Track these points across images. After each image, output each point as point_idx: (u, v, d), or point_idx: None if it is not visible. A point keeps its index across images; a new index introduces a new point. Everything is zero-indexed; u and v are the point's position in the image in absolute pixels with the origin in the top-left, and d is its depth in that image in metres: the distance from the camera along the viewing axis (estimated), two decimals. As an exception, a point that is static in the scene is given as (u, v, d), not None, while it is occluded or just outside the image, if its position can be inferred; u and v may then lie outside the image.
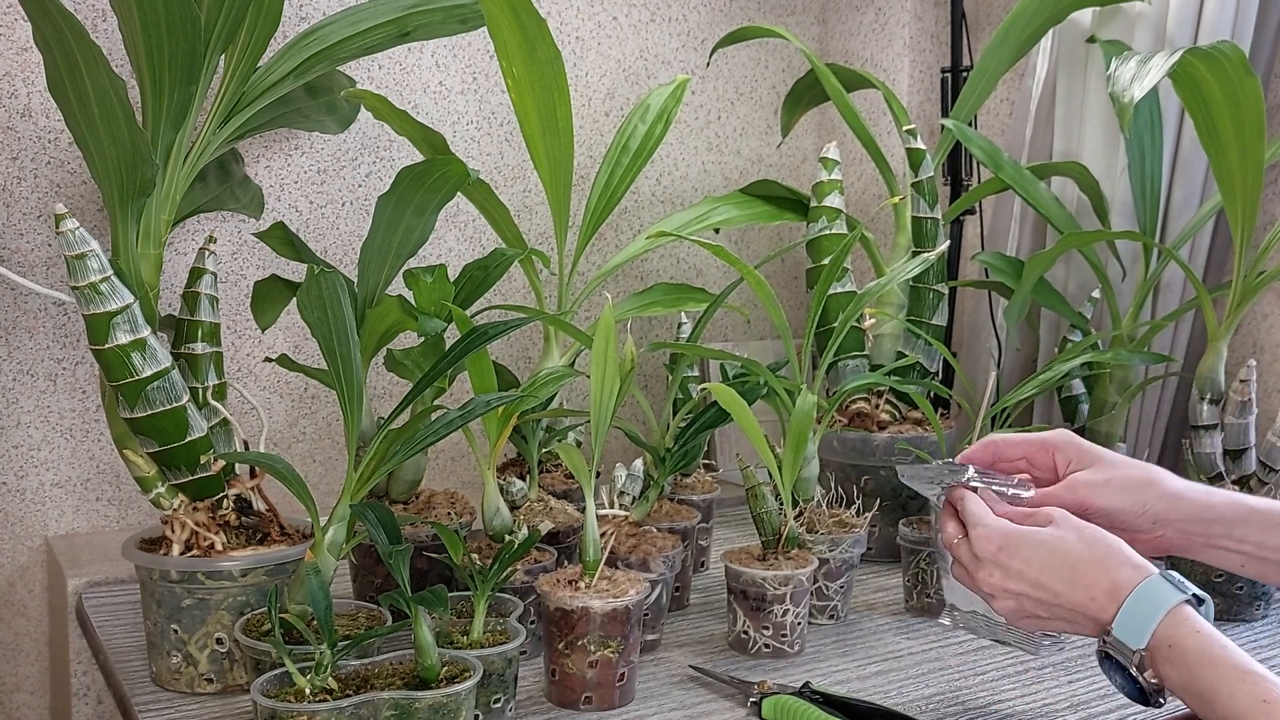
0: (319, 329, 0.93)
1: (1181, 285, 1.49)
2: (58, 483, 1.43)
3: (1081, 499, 0.91)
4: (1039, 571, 0.84)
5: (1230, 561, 0.93)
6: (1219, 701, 0.74)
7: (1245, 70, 1.17)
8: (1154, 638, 0.78)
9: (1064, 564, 0.84)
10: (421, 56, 1.60)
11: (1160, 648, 0.78)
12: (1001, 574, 0.86)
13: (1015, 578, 0.86)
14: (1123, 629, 0.80)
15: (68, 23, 0.92)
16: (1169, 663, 0.77)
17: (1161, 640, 0.78)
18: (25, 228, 1.39)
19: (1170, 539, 0.93)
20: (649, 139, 1.42)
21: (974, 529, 0.88)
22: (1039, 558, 0.85)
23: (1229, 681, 0.75)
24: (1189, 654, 0.77)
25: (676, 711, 1.02)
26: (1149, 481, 0.92)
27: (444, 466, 1.68)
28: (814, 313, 1.29)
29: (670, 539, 1.18)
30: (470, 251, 1.65)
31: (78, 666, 1.29)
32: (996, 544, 0.87)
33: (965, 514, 0.90)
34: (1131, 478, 0.92)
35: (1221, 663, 0.75)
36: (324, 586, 0.92)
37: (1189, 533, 0.92)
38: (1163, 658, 0.78)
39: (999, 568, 0.87)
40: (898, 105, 1.53)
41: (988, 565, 0.87)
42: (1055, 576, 0.84)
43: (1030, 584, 0.85)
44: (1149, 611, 0.79)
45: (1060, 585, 0.84)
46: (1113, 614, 0.81)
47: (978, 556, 0.88)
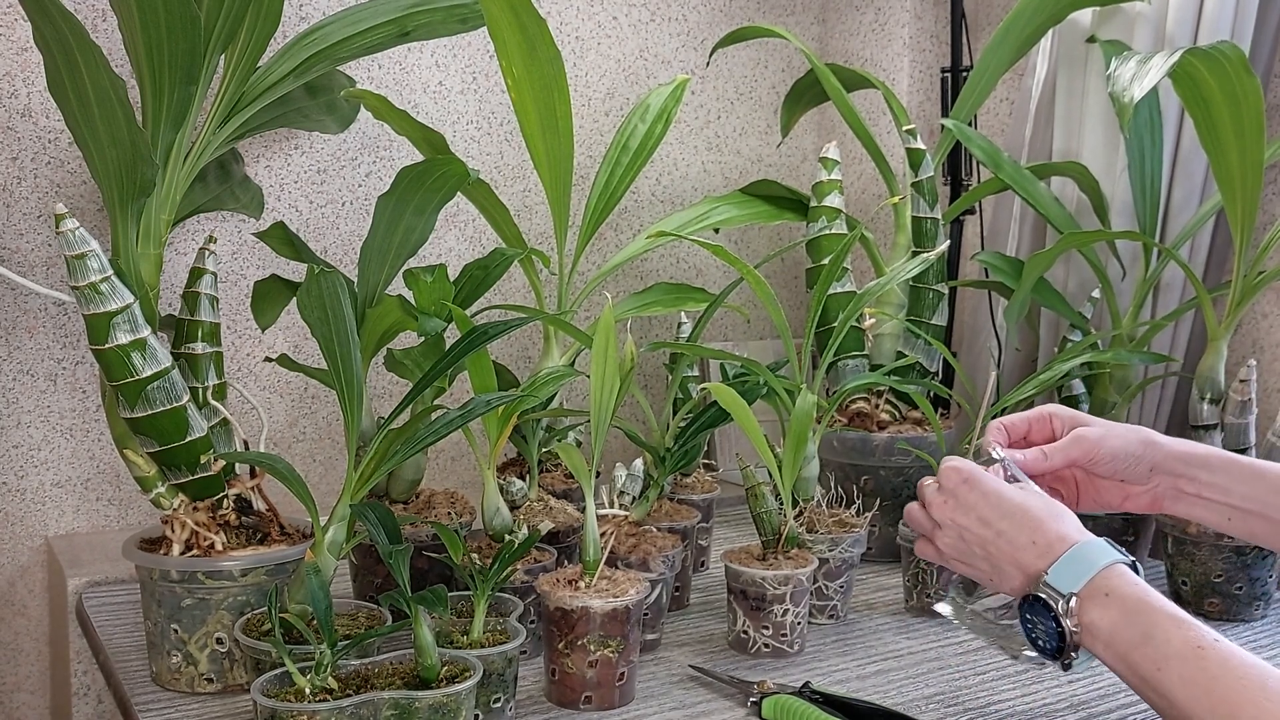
0: (319, 329, 0.93)
1: (1181, 285, 1.49)
2: (58, 483, 1.43)
3: (1086, 449, 0.96)
4: (992, 508, 0.87)
5: (1218, 515, 0.96)
6: (1152, 645, 0.76)
7: (1245, 70, 1.17)
8: (1089, 585, 0.80)
9: (1018, 509, 0.86)
10: (421, 56, 1.60)
11: (1095, 595, 0.80)
12: (954, 504, 0.90)
13: (966, 510, 0.89)
14: (1058, 574, 0.82)
15: (68, 23, 0.92)
16: (1103, 608, 0.79)
17: (1097, 588, 0.80)
18: (25, 228, 1.39)
19: (1164, 492, 0.97)
20: (649, 139, 1.42)
21: (945, 463, 0.92)
22: (996, 497, 0.88)
23: (1164, 627, 0.76)
24: (1127, 600, 0.78)
25: (676, 711, 1.02)
26: (1140, 430, 0.97)
27: (444, 466, 1.68)
28: (814, 312, 1.29)
29: (670, 539, 1.18)
30: (470, 251, 1.65)
31: (78, 666, 1.29)
32: (963, 476, 0.90)
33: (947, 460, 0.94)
34: (1127, 428, 0.97)
35: (1158, 610, 0.77)
36: (324, 586, 0.92)
37: (1179, 481, 0.96)
38: (1097, 604, 0.79)
39: (955, 499, 0.90)
40: (898, 105, 1.53)
41: (946, 493, 0.91)
42: (1005, 516, 0.86)
43: (978, 519, 0.88)
44: (1088, 561, 0.81)
45: (1007, 525, 0.86)
46: (1051, 560, 0.83)
47: (941, 486, 0.92)
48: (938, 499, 0.92)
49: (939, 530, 0.92)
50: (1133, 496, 0.97)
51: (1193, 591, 1.29)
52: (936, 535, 0.92)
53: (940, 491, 0.92)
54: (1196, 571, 1.28)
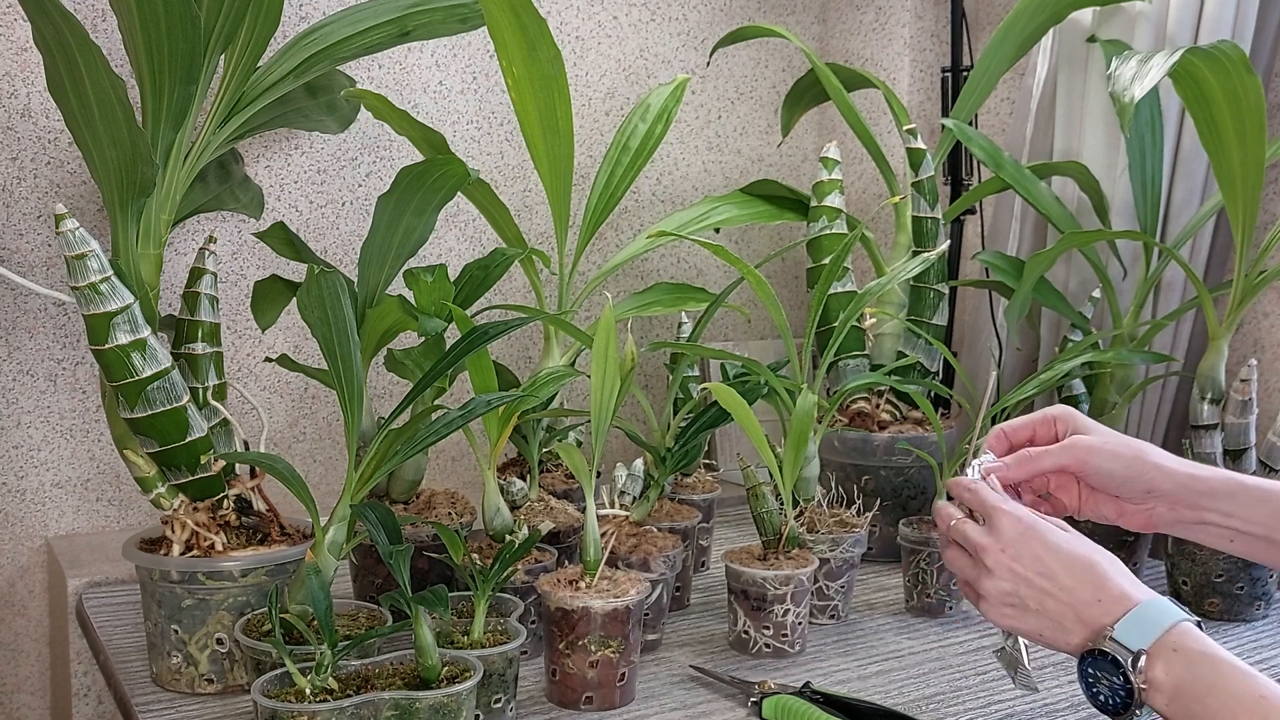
0: (319, 329, 0.93)
1: (1182, 284, 1.49)
2: (58, 483, 1.43)
3: (1079, 458, 0.92)
4: (1055, 561, 0.84)
5: (1219, 538, 0.94)
6: (1216, 696, 0.75)
7: (1246, 69, 1.17)
8: (1157, 642, 0.79)
9: (1084, 562, 0.84)
10: (421, 56, 1.60)
11: (1162, 651, 0.78)
12: (1014, 554, 0.85)
13: (1028, 561, 0.85)
14: (1126, 631, 0.80)
15: (68, 23, 0.92)
16: (1169, 663, 0.78)
17: (1164, 645, 0.78)
18: (25, 228, 1.39)
19: (1160, 513, 0.94)
20: (649, 138, 1.42)
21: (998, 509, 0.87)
22: (1059, 549, 0.84)
23: (1228, 678, 0.75)
24: (1192, 654, 0.77)
25: (677, 711, 1.02)
26: (1141, 450, 0.93)
27: (444, 466, 1.68)
28: (814, 312, 1.29)
29: (671, 539, 1.18)
30: (470, 251, 1.65)
31: (78, 667, 1.29)
32: (1023, 525, 0.86)
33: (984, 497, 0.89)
34: (1126, 443, 0.93)
35: (1223, 662, 0.76)
36: (324, 586, 0.92)
37: (1179, 506, 0.93)
38: (1163, 659, 0.78)
39: (1014, 548, 0.86)
40: (898, 105, 1.53)
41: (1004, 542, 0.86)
42: (1069, 571, 0.83)
43: (1040, 571, 0.84)
44: (1156, 619, 0.80)
45: (1071, 580, 0.83)
46: (1117, 616, 0.81)
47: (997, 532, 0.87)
48: (992, 545, 0.87)
49: (988, 576, 0.87)
50: (1127, 515, 0.94)
51: (1193, 591, 1.29)
52: (985, 582, 0.87)
53: (993, 537, 0.87)
54: (1197, 571, 1.28)
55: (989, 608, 0.88)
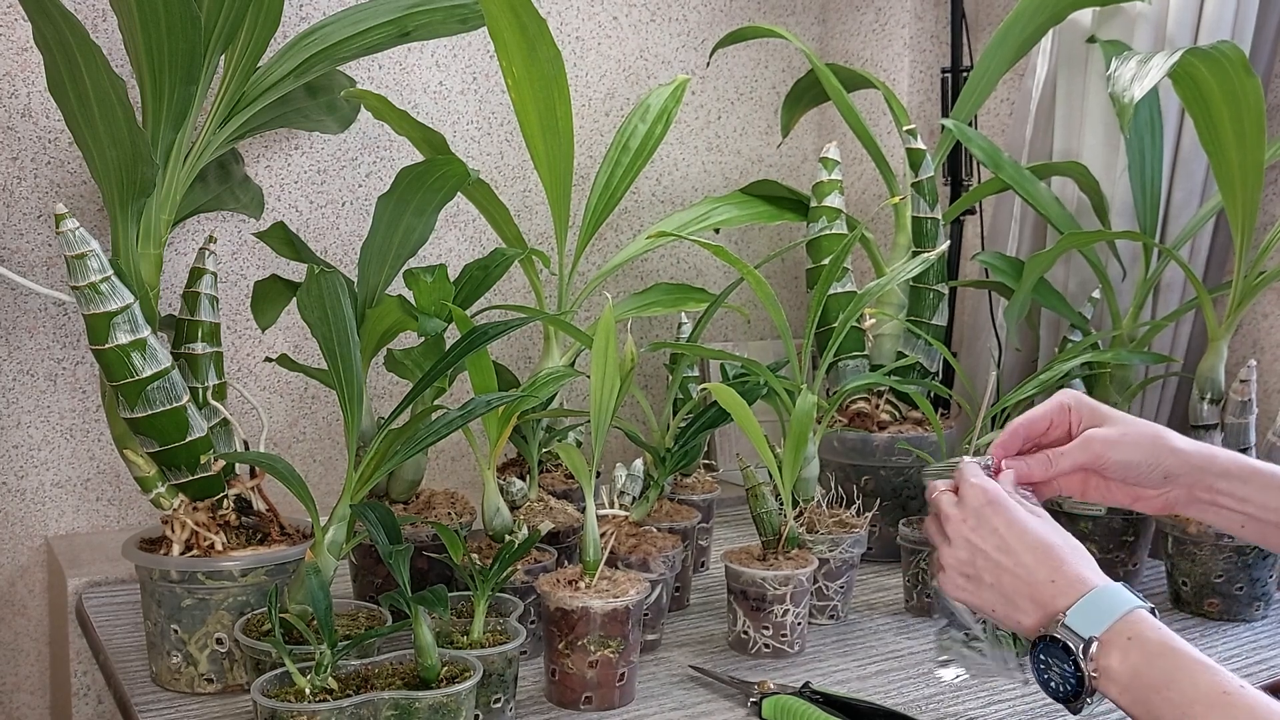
0: (319, 329, 0.93)
1: (1182, 285, 1.49)
2: (58, 483, 1.43)
3: (1096, 453, 0.92)
4: (1015, 538, 0.84)
5: (1231, 522, 0.94)
6: (1176, 689, 0.74)
7: (1245, 70, 1.17)
8: (1111, 629, 0.78)
9: (1042, 543, 0.84)
10: (421, 56, 1.60)
11: (1116, 639, 0.78)
12: (974, 525, 0.86)
13: (987, 534, 0.85)
14: (1078, 616, 0.80)
15: (68, 23, 0.92)
16: (1125, 652, 0.77)
17: (1118, 633, 0.78)
18: (25, 228, 1.39)
19: (1177, 496, 0.94)
20: (649, 139, 1.42)
21: (969, 480, 0.88)
22: (1021, 527, 0.84)
23: (1190, 671, 0.74)
24: (1149, 644, 0.77)
25: (677, 711, 1.02)
26: (1158, 436, 0.93)
27: (444, 466, 1.68)
28: (814, 313, 1.29)
29: (670, 539, 1.18)
30: (470, 251, 1.65)
31: (78, 666, 1.29)
32: (988, 497, 0.86)
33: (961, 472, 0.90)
34: (1143, 433, 0.93)
35: (1183, 654, 0.76)
36: (324, 586, 0.92)
37: (1195, 489, 0.93)
38: (1118, 647, 0.77)
39: (977, 519, 0.86)
40: (898, 105, 1.53)
41: (966, 512, 0.87)
42: (1029, 548, 0.83)
43: (998, 545, 0.84)
44: (1110, 606, 0.79)
45: (1030, 559, 0.83)
46: (1071, 601, 0.80)
47: (962, 503, 0.87)
48: (955, 514, 0.87)
49: (948, 546, 0.87)
50: (1144, 499, 0.94)
51: (1193, 592, 1.29)
52: (944, 549, 0.88)
53: (959, 507, 0.87)
54: (1197, 571, 1.28)
55: (945, 579, 0.88)
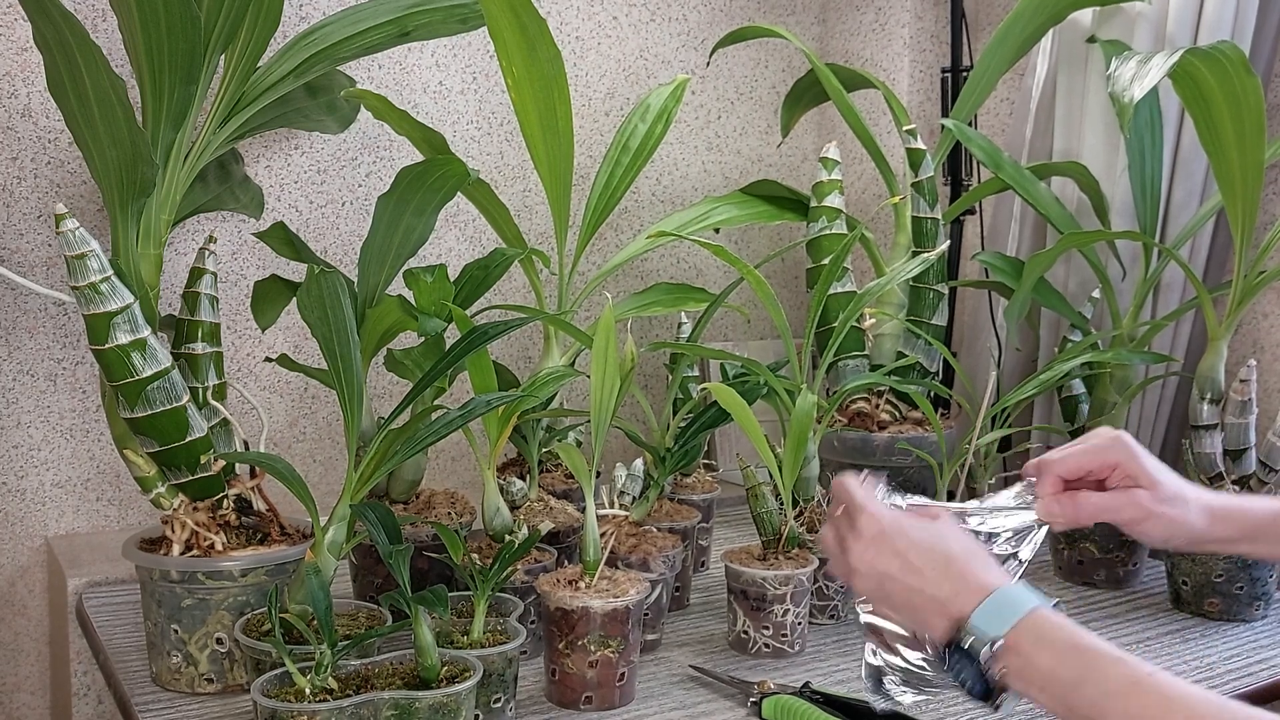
0: (319, 329, 0.93)
1: (1182, 285, 1.49)
2: (58, 483, 1.43)
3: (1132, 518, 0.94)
4: (917, 555, 0.85)
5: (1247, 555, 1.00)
6: (1088, 684, 0.75)
7: (1245, 70, 1.17)
8: (1015, 630, 0.79)
9: (943, 556, 0.85)
10: (421, 56, 1.60)
11: (1022, 641, 0.78)
12: (875, 552, 0.87)
13: (890, 558, 0.86)
14: (982, 618, 0.80)
15: (68, 23, 0.92)
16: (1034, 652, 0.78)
17: (1025, 632, 0.78)
18: (25, 228, 1.39)
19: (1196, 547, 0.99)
20: (649, 139, 1.42)
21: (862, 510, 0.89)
22: (921, 543, 0.86)
23: (1100, 666, 0.75)
24: (1058, 643, 0.77)
25: (677, 711, 1.02)
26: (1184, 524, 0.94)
27: (444, 466, 1.68)
28: (814, 312, 1.29)
29: (670, 539, 1.18)
30: (470, 251, 1.65)
31: (78, 666, 1.29)
32: (886, 522, 0.88)
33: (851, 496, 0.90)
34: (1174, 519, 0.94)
35: (1092, 650, 0.76)
36: (324, 586, 0.92)
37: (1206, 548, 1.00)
38: (1026, 648, 0.78)
39: (876, 546, 0.87)
40: (898, 105, 1.53)
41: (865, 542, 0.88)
42: (931, 563, 0.85)
43: (902, 566, 0.85)
44: (1012, 606, 0.80)
45: (933, 573, 0.84)
46: (973, 605, 0.81)
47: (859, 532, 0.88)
48: (854, 543, 0.89)
49: (856, 575, 0.88)
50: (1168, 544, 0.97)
51: (1193, 591, 1.29)
52: (854, 579, 0.89)
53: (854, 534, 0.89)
54: (1197, 571, 1.28)
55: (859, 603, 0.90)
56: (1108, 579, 1.39)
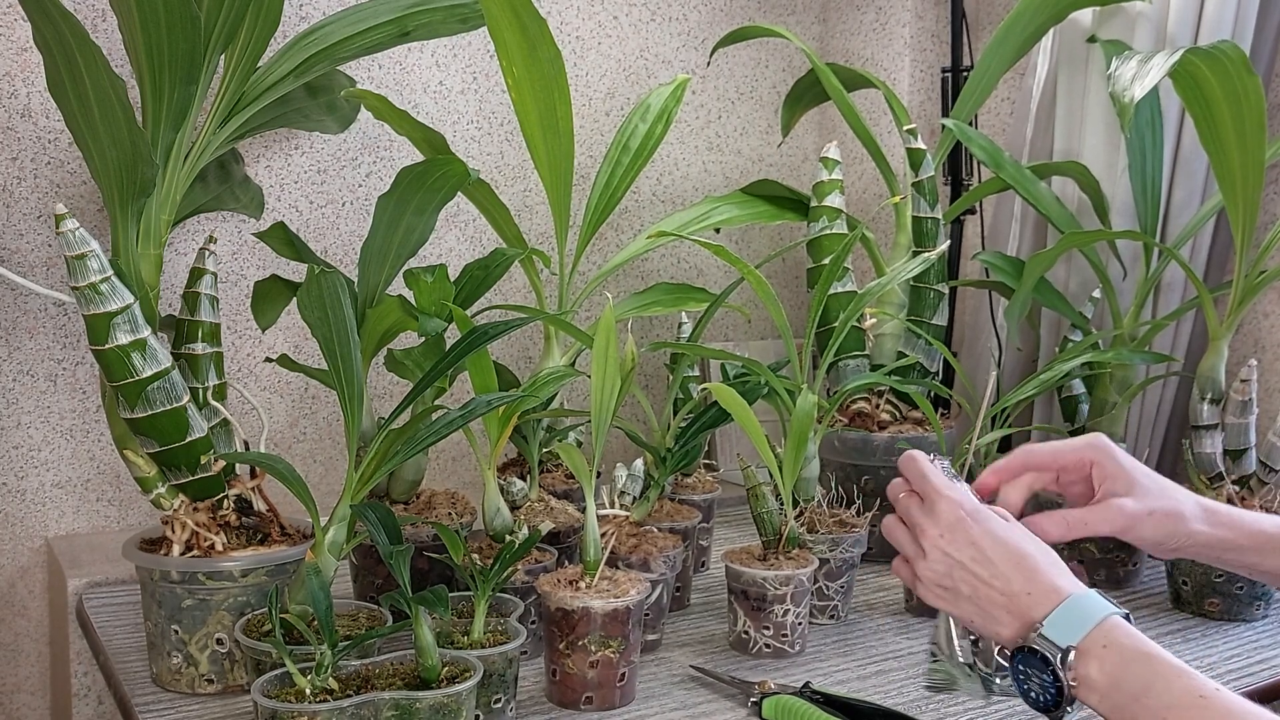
0: (319, 329, 0.93)
1: (1182, 284, 1.49)
2: (58, 483, 1.43)
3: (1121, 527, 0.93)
4: (992, 548, 0.85)
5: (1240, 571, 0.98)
6: (1153, 694, 0.75)
7: (1246, 69, 1.17)
8: (1088, 637, 0.79)
9: (1018, 552, 0.84)
10: (421, 56, 1.60)
11: (1093, 648, 0.78)
12: (950, 539, 0.86)
13: (964, 546, 0.86)
14: (1054, 626, 0.80)
15: (68, 23, 0.92)
16: (1102, 661, 0.78)
17: (1095, 641, 0.78)
18: (25, 228, 1.39)
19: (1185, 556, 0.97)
20: (649, 139, 1.42)
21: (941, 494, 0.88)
22: (998, 535, 0.85)
23: (1166, 677, 0.75)
24: (1125, 651, 0.77)
25: (677, 711, 1.02)
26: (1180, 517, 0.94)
27: (444, 466, 1.68)
28: (814, 312, 1.29)
29: (671, 539, 1.18)
30: (470, 251, 1.65)
31: (78, 667, 1.29)
32: (964, 510, 0.87)
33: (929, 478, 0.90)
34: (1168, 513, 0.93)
35: (1159, 660, 0.76)
36: (324, 587, 0.92)
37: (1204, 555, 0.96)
38: (1095, 656, 0.78)
39: (952, 532, 0.86)
40: (898, 105, 1.53)
41: (941, 526, 0.87)
42: (1005, 559, 0.84)
43: (974, 557, 0.85)
44: (1085, 614, 0.80)
45: (1006, 569, 0.84)
46: (1047, 611, 0.81)
47: (934, 514, 0.88)
48: (930, 527, 0.88)
49: (924, 558, 0.88)
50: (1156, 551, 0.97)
51: (1193, 591, 1.29)
52: (920, 563, 0.88)
53: (931, 518, 0.88)
54: (1197, 571, 1.28)
55: (924, 590, 0.89)
56: (1108, 579, 1.39)
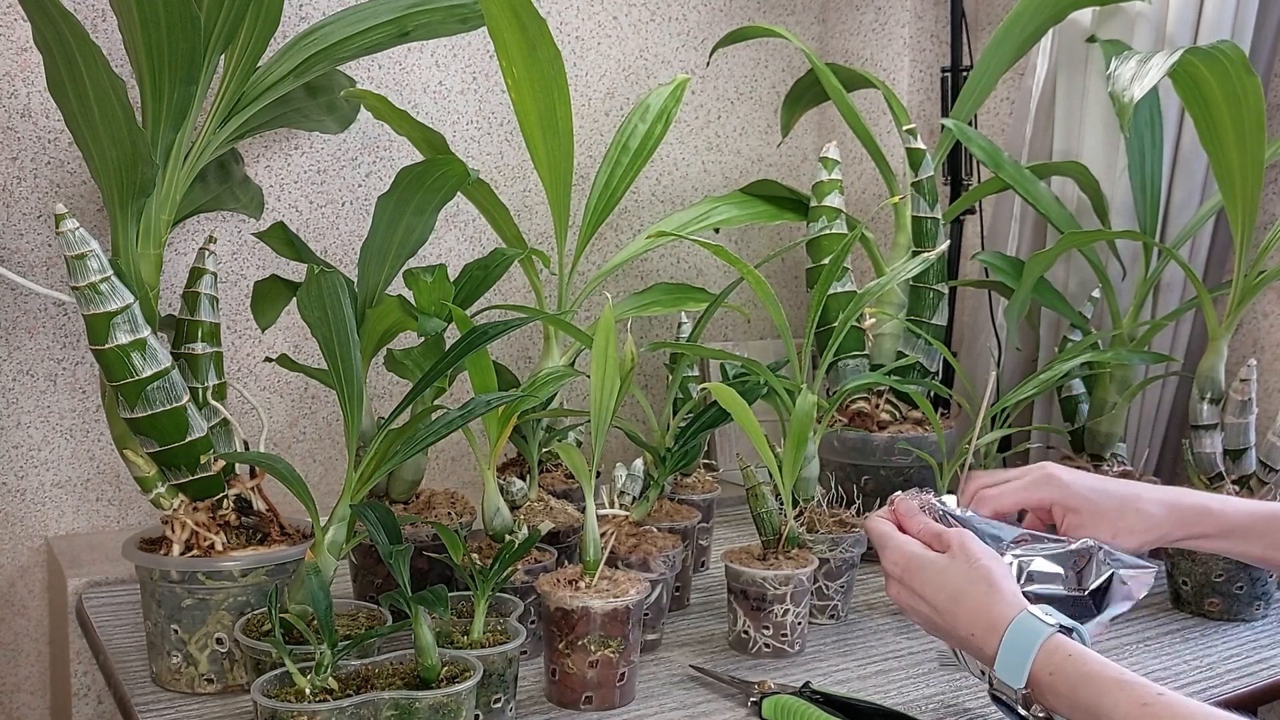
0: (319, 329, 0.93)
1: (1182, 284, 1.49)
2: (58, 483, 1.43)
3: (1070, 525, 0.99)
4: (931, 597, 0.89)
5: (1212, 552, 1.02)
6: (1103, 712, 0.77)
7: (1245, 69, 1.17)
8: (1032, 671, 0.81)
9: (950, 595, 0.88)
10: (421, 56, 1.60)
11: (1041, 677, 0.81)
12: (907, 592, 0.91)
13: (914, 598, 0.91)
14: (1003, 668, 0.83)
15: (68, 23, 0.92)
16: (1052, 691, 0.80)
17: (1040, 670, 0.81)
18: (25, 228, 1.39)
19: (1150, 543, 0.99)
20: (649, 139, 1.42)
21: (882, 549, 0.94)
22: (930, 584, 0.90)
23: (1110, 693, 0.77)
24: (1070, 677, 0.80)
25: (677, 711, 1.02)
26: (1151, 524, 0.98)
27: (444, 466, 1.68)
28: (814, 312, 1.29)
29: (670, 539, 1.18)
30: (470, 251, 1.65)
31: (78, 666, 1.29)
32: (901, 565, 0.92)
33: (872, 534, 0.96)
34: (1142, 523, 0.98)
35: (1099, 678, 0.78)
36: (324, 586, 0.92)
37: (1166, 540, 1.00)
38: (1045, 687, 0.81)
39: (904, 586, 0.92)
40: (898, 105, 1.53)
41: (894, 582, 0.93)
42: (945, 605, 0.88)
43: (928, 606, 0.90)
44: (1023, 647, 0.82)
45: (948, 614, 0.88)
46: (993, 652, 0.84)
47: (887, 573, 0.94)
48: (892, 588, 0.93)
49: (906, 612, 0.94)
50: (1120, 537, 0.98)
51: (1193, 591, 1.29)
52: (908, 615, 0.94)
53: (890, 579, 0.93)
54: (1197, 571, 1.28)
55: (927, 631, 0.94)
56: (1108, 579, 1.38)
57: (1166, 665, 1.15)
